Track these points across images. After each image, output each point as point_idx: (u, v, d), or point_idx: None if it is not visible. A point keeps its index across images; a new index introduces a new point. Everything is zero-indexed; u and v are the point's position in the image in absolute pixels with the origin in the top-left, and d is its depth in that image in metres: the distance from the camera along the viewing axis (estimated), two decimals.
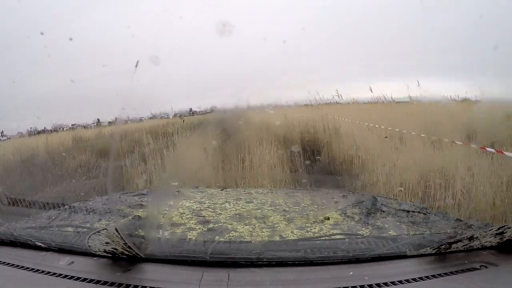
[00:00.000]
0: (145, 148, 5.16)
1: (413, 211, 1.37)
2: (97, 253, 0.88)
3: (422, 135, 4.69)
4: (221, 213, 1.34)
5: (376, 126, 5.73)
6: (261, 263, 0.88)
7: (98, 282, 0.81)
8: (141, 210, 1.38)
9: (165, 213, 1.30)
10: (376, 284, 0.80)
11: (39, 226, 1.23)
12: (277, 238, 1.10)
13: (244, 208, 1.44)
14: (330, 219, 1.27)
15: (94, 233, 0.80)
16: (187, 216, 1.29)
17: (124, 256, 0.88)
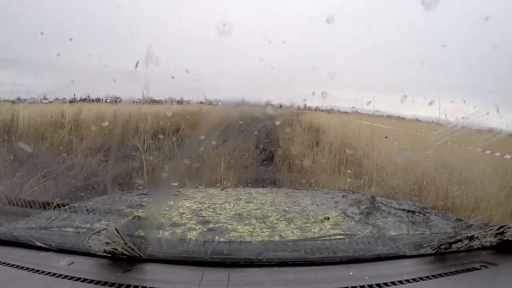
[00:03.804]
0: None
1: (413, 211, 1.37)
2: (97, 253, 0.88)
3: None
4: (221, 213, 1.34)
5: None
6: (261, 263, 0.88)
7: (98, 282, 0.81)
8: (141, 210, 1.38)
9: (165, 213, 1.30)
10: (376, 284, 0.80)
11: (39, 226, 1.23)
12: (277, 238, 1.10)
13: (244, 208, 1.44)
14: (330, 219, 1.27)
15: (94, 233, 0.80)
16: (187, 216, 1.29)
17: (124, 256, 0.88)
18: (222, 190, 1.82)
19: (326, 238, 1.08)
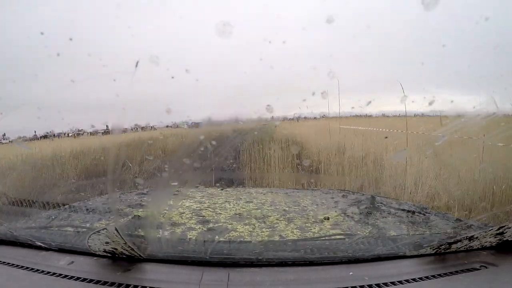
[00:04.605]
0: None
1: (413, 211, 1.37)
2: (97, 253, 0.88)
3: None
4: (221, 213, 1.34)
5: None
6: (261, 263, 0.88)
7: (98, 282, 0.81)
8: (141, 210, 1.38)
9: (165, 213, 1.30)
10: (376, 284, 0.80)
11: (39, 226, 1.23)
12: (277, 238, 1.10)
13: (244, 208, 1.44)
14: (330, 219, 1.27)
15: (94, 233, 0.80)
16: (187, 216, 1.29)
17: (124, 256, 0.88)
18: (222, 190, 1.82)
19: (326, 238, 1.08)
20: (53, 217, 1.33)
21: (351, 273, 0.86)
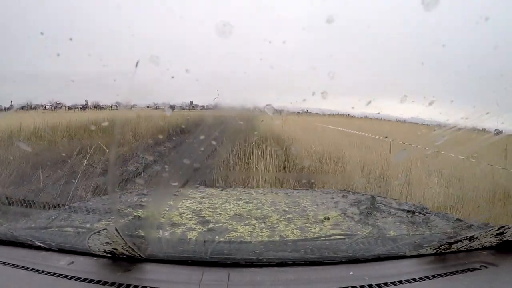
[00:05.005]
0: None
1: (413, 211, 1.38)
2: (97, 253, 0.88)
3: None
4: (221, 213, 1.34)
5: None
6: (261, 263, 0.88)
7: (98, 282, 0.81)
8: (141, 210, 1.38)
9: (165, 213, 1.30)
10: (376, 284, 0.80)
11: (39, 226, 1.23)
12: (277, 238, 1.10)
13: (244, 208, 1.44)
14: (330, 219, 1.27)
15: (94, 233, 0.80)
16: (187, 216, 1.29)
17: (124, 256, 0.88)
18: (222, 190, 1.82)
19: (326, 238, 1.08)
20: (53, 217, 1.33)
21: (351, 273, 0.86)
